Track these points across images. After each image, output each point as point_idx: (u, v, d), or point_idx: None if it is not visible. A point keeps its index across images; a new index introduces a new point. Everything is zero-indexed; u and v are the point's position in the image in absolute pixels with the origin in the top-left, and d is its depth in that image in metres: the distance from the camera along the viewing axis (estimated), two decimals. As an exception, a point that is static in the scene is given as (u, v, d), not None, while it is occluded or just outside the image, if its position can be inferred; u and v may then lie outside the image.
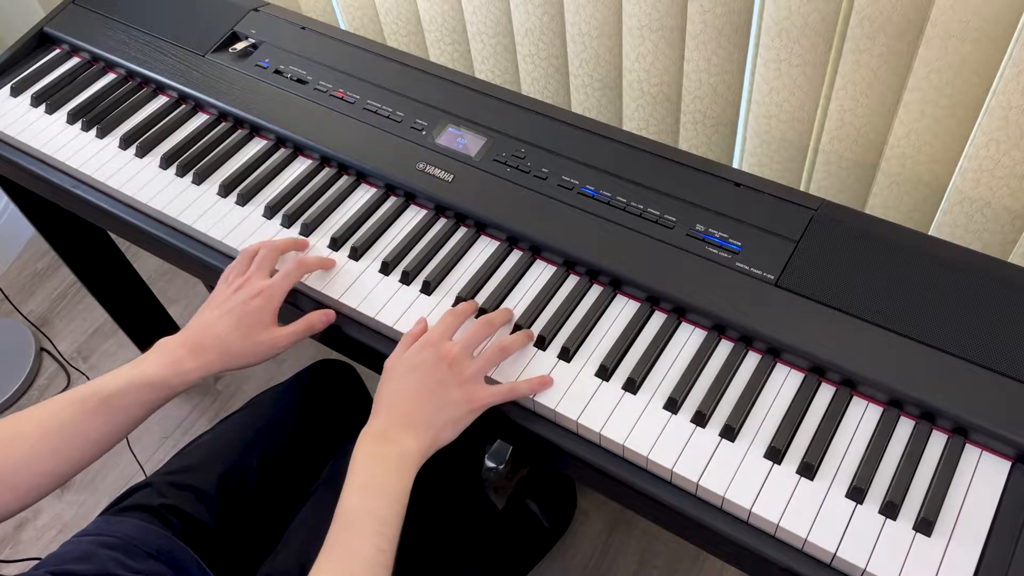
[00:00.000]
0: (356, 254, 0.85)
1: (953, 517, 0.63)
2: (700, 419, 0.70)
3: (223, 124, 1.00)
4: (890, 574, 0.61)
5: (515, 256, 0.84)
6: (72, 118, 1.02)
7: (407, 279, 0.83)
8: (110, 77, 1.08)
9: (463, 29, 1.28)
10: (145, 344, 1.60)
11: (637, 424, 0.71)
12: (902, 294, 0.73)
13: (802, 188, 1.10)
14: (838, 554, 0.62)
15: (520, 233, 0.83)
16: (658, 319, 0.78)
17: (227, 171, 0.94)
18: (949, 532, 0.63)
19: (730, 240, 0.79)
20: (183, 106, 1.02)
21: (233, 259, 0.85)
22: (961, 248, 0.75)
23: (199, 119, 1.01)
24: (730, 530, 0.66)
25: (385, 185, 0.91)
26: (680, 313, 0.77)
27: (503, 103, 0.94)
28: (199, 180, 0.94)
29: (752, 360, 0.74)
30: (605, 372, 0.74)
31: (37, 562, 0.74)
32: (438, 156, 0.90)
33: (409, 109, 0.95)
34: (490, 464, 1.36)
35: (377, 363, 0.77)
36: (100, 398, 0.71)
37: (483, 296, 0.81)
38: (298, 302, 0.85)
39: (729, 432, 0.69)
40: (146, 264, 1.79)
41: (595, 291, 0.80)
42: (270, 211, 0.90)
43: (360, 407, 1.02)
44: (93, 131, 1.00)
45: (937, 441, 0.67)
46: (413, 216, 0.89)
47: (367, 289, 0.83)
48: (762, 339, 0.73)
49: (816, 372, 0.72)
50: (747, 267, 0.77)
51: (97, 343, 1.73)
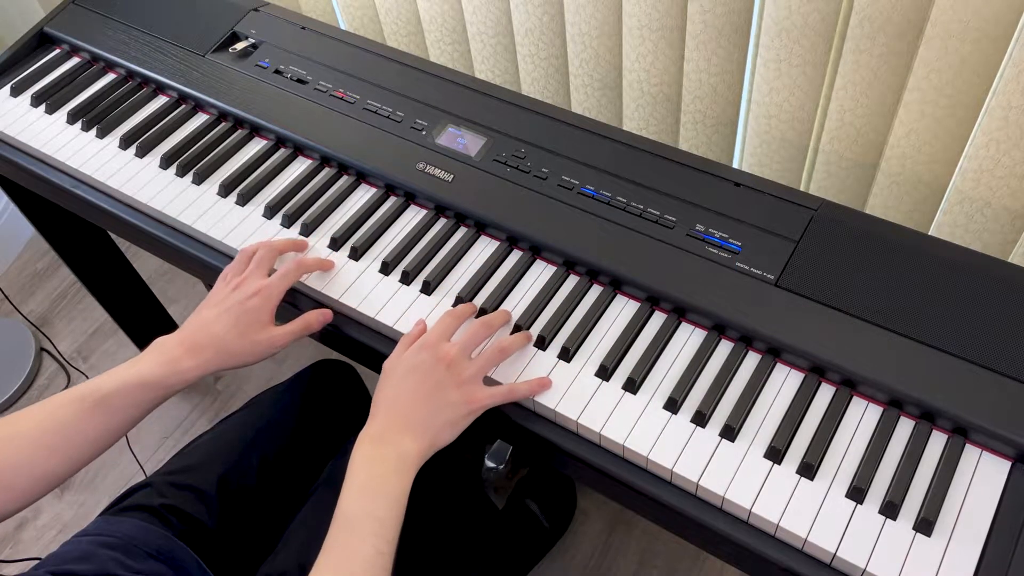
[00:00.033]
0: (356, 254, 0.85)
1: (953, 517, 0.63)
2: (700, 419, 0.70)
3: (223, 124, 1.00)
4: (890, 574, 0.61)
5: (515, 256, 0.84)
6: (72, 118, 1.02)
7: (407, 279, 0.83)
8: (110, 77, 1.08)
9: (463, 29, 1.28)
10: (145, 344, 1.57)
11: (637, 424, 0.71)
12: (902, 294, 0.73)
13: (802, 188, 1.10)
14: (838, 554, 0.62)
15: (520, 233, 0.83)
16: (658, 319, 0.78)
17: (227, 171, 0.94)
18: (949, 532, 0.63)
19: (730, 240, 0.79)
20: (183, 106, 1.02)
21: (233, 259, 0.85)
22: (961, 248, 0.75)
23: (199, 119, 1.01)
24: (730, 530, 0.66)
25: (385, 185, 0.91)
26: (680, 313, 0.77)
27: (503, 103, 0.94)
28: (199, 180, 0.94)
29: (752, 360, 0.74)
30: (605, 372, 0.74)
31: (37, 562, 0.74)
32: (438, 156, 0.90)
33: (409, 109, 0.95)
34: (490, 464, 1.36)
35: (377, 363, 0.77)
36: (97, 398, 0.71)
37: (483, 296, 0.81)
38: (298, 302, 0.85)
39: (729, 432, 0.69)
40: (146, 264, 1.79)
41: (595, 291, 0.80)
42: (270, 211, 0.90)
43: (360, 407, 1.02)
44: (93, 131, 1.00)
45: (937, 441, 0.67)
46: (413, 216, 0.89)
47: (367, 289, 0.83)
48: (762, 339, 0.73)
49: (816, 372, 0.72)
50: (747, 267, 0.77)
51: (97, 343, 1.73)
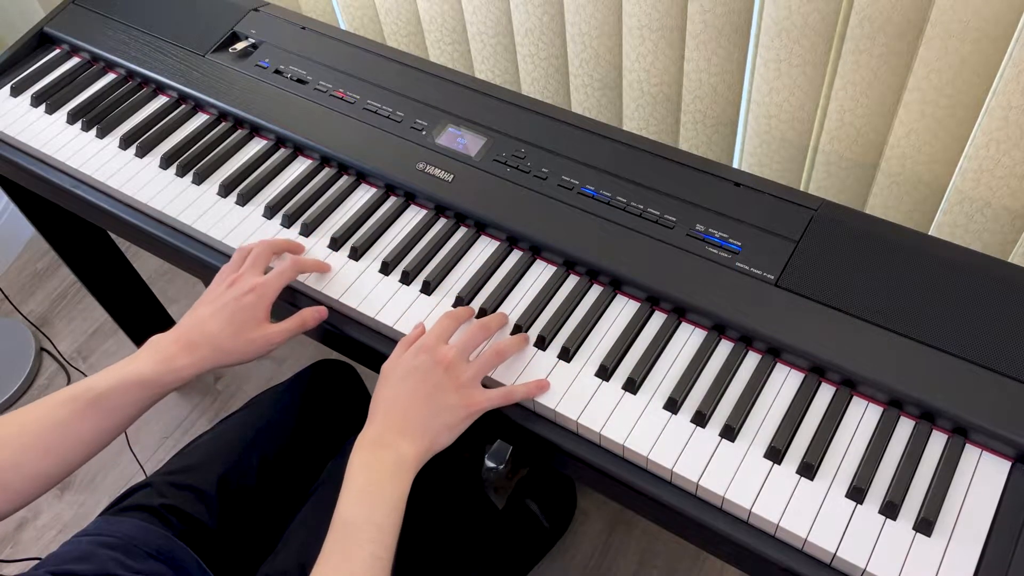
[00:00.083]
0: (356, 254, 0.85)
1: (953, 517, 0.63)
2: (700, 419, 0.70)
3: (223, 124, 1.00)
4: (890, 574, 0.61)
5: (515, 256, 0.84)
6: (72, 118, 1.02)
7: (407, 279, 0.83)
8: (110, 77, 1.08)
9: (463, 29, 1.28)
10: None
11: (637, 424, 0.71)
12: (902, 294, 0.73)
13: (802, 188, 1.10)
14: (838, 554, 0.62)
15: (520, 233, 0.83)
16: (658, 319, 0.78)
17: (227, 171, 0.94)
18: (949, 532, 0.63)
19: (730, 240, 0.79)
20: (183, 106, 1.02)
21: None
22: (961, 248, 0.75)
23: (199, 119, 1.01)
24: (730, 530, 0.66)
25: (385, 185, 0.91)
26: (680, 313, 0.77)
27: (503, 103, 0.94)
28: (199, 180, 0.94)
29: (752, 360, 0.74)
30: (605, 372, 0.74)
31: (37, 562, 0.74)
32: (438, 156, 0.90)
33: (409, 109, 0.95)
34: (490, 464, 1.36)
35: (377, 363, 0.77)
36: (91, 397, 0.71)
37: (483, 296, 0.81)
38: (297, 302, 0.85)
39: (729, 432, 0.69)
40: (146, 264, 1.79)
41: (595, 291, 0.80)
42: (270, 211, 0.90)
43: (360, 407, 1.01)
44: (93, 131, 1.00)
45: (937, 441, 0.67)
46: (413, 216, 0.89)
47: (367, 289, 0.83)
48: (762, 339, 0.73)
49: (816, 372, 0.72)
50: (747, 267, 0.77)
51: (97, 343, 1.73)
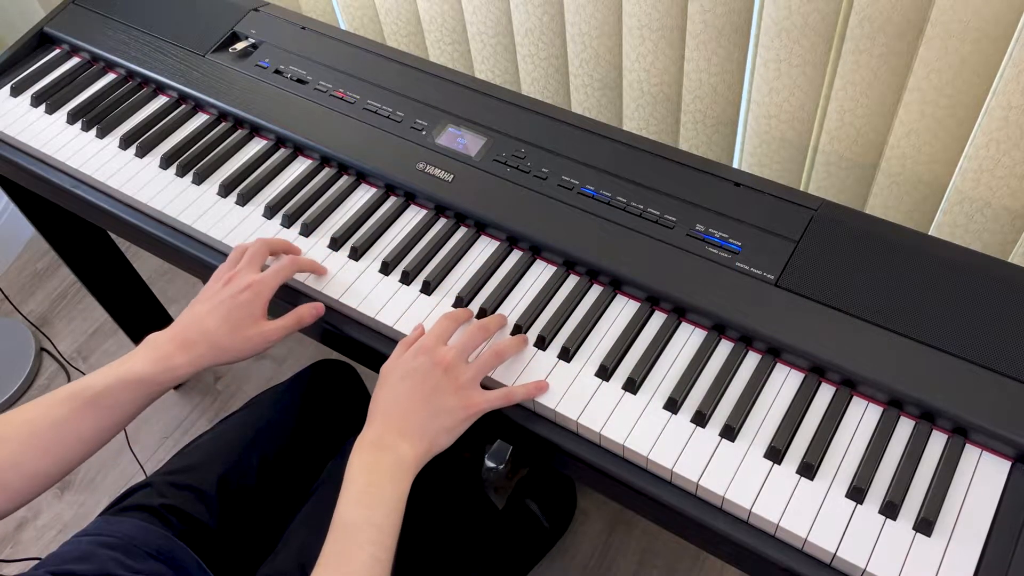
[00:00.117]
0: (356, 254, 0.85)
1: (953, 517, 0.63)
2: (700, 419, 0.70)
3: (223, 124, 1.00)
4: (890, 574, 0.61)
5: (515, 256, 0.84)
6: (72, 118, 1.02)
7: (407, 279, 0.83)
8: (110, 77, 1.08)
9: (463, 29, 1.28)
10: (145, 344, 1.60)
11: (637, 424, 0.71)
12: (902, 294, 0.73)
13: (802, 188, 1.10)
14: (838, 554, 0.62)
15: (520, 233, 0.83)
16: (658, 319, 0.78)
17: (227, 171, 0.94)
18: (949, 532, 0.63)
19: (730, 240, 0.79)
20: (183, 106, 1.02)
21: (231, 258, 0.84)
22: (961, 248, 0.75)
23: (199, 119, 1.01)
24: (730, 530, 0.66)
25: (385, 185, 0.91)
26: (680, 313, 0.77)
27: (503, 103, 0.94)
28: (199, 180, 0.94)
29: (752, 360, 0.74)
30: (605, 372, 0.74)
31: (37, 562, 0.74)
32: (438, 156, 0.90)
33: (409, 109, 0.95)
34: (490, 464, 1.36)
35: (377, 363, 0.77)
36: (89, 396, 0.70)
37: (483, 296, 0.81)
38: (296, 302, 0.84)
39: (729, 432, 0.69)
40: (146, 264, 1.79)
41: (595, 291, 0.80)
42: (270, 211, 0.90)
43: (360, 407, 1.01)
44: (93, 131, 1.00)
45: (937, 441, 0.67)
46: (413, 216, 0.89)
47: (367, 289, 0.83)
48: (762, 339, 0.73)
49: (816, 372, 0.72)
50: (747, 267, 0.77)
51: (97, 343, 1.73)
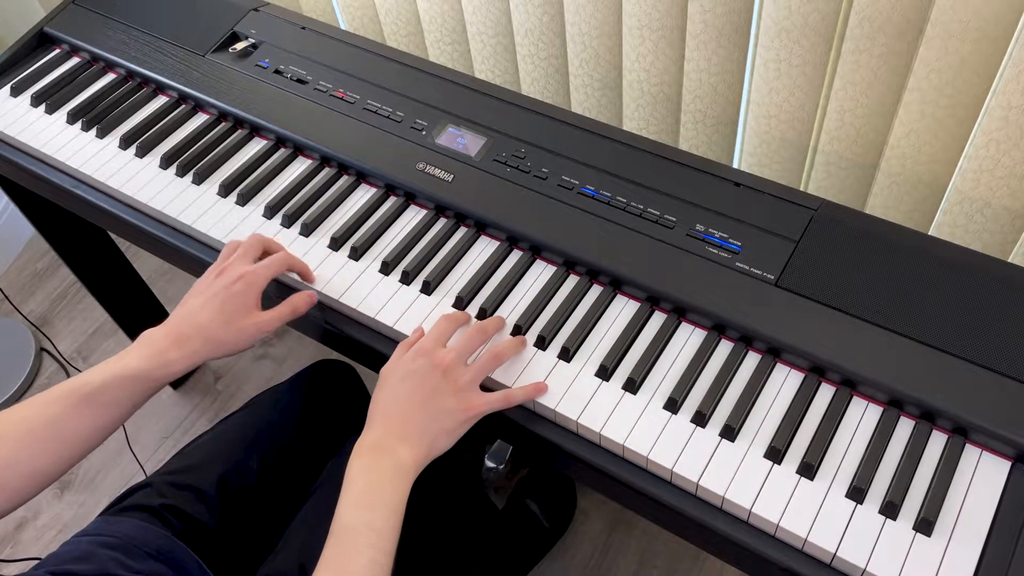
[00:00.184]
0: (356, 254, 0.85)
1: (953, 517, 0.63)
2: (700, 419, 0.70)
3: (223, 124, 1.00)
4: (890, 574, 0.61)
5: (515, 256, 0.84)
6: (72, 118, 1.02)
7: (407, 279, 0.83)
8: (110, 77, 1.08)
9: (463, 29, 1.28)
10: (144, 344, 1.59)
11: (637, 424, 0.71)
12: (902, 294, 0.73)
13: (802, 188, 1.10)
14: (838, 554, 0.62)
15: (520, 233, 0.83)
16: (658, 319, 0.78)
17: (227, 171, 0.94)
18: (949, 532, 0.63)
19: (730, 240, 0.79)
20: (183, 106, 1.02)
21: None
22: (961, 248, 0.75)
23: (199, 119, 1.01)
24: (730, 530, 0.66)
25: (385, 185, 0.91)
26: (680, 313, 0.77)
27: (503, 103, 0.94)
28: (199, 180, 0.94)
29: (752, 360, 0.74)
30: (605, 372, 0.74)
31: (37, 562, 0.74)
32: (438, 156, 0.90)
33: (409, 109, 0.95)
34: (490, 464, 1.36)
35: (377, 363, 0.77)
36: (85, 393, 0.70)
37: (483, 296, 0.81)
38: (298, 302, 0.85)
39: (729, 432, 0.69)
40: (146, 264, 1.79)
41: (595, 291, 0.80)
42: (270, 211, 0.90)
43: (360, 407, 1.01)
44: (93, 131, 1.00)
45: (937, 441, 0.67)
46: (413, 216, 0.89)
47: (367, 289, 0.83)
48: (762, 339, 0.73)
49: (816, 372, 0.72)
50: (747, 267, 0.77)
51: (97, 343, 1.73)
